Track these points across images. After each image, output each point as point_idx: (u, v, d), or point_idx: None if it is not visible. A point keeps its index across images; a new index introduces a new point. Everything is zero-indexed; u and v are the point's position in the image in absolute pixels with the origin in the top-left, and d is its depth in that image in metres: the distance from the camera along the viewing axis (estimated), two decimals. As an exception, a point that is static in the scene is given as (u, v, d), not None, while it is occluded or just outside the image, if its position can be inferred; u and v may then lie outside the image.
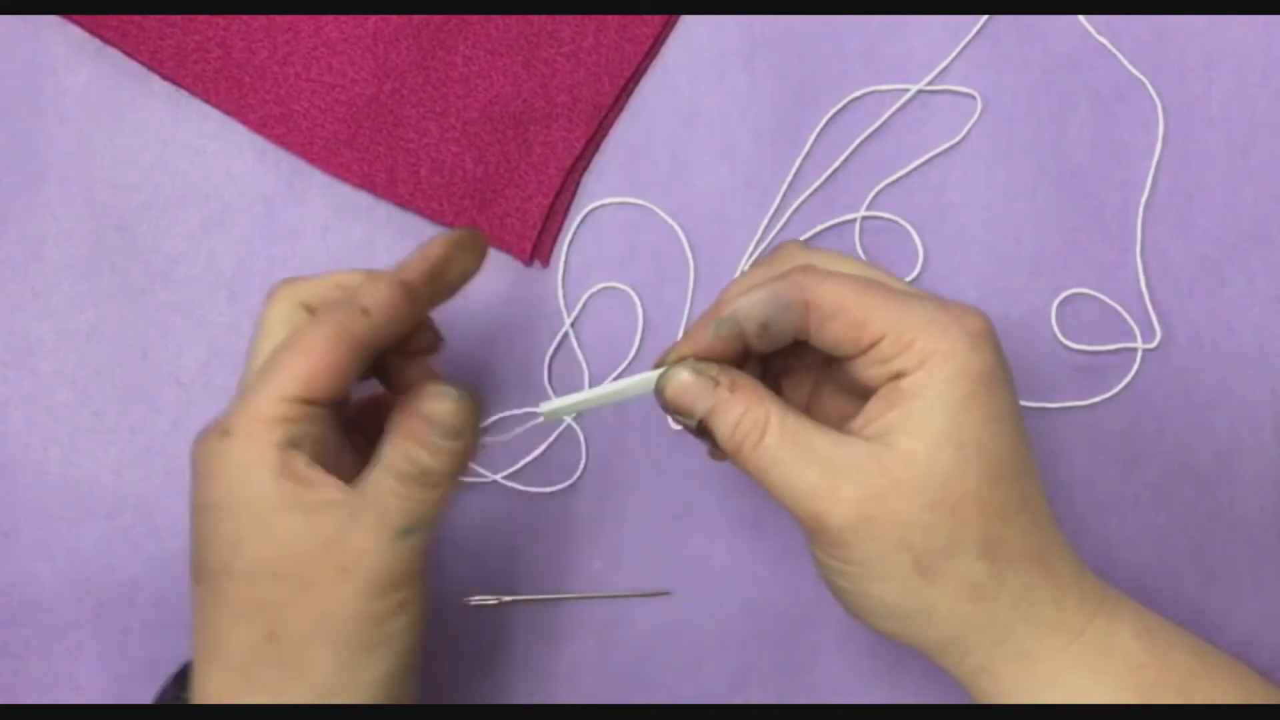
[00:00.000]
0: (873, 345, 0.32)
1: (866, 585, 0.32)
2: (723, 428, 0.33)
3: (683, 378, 0.33)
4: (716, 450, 0.34)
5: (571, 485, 0.43)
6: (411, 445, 0.32)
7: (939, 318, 0.32)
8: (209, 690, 0.32)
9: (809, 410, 0.36)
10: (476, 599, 0.42)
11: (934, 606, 0.32)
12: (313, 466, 0.32)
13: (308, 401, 0.31)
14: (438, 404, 0.32)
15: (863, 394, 0.33)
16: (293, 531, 0.31)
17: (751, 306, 0.33)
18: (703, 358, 0.34)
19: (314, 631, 0.31)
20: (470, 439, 0.33)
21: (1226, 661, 0.35)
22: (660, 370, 0.34)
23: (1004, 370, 0.32)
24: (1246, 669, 0.36)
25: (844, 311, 0.32)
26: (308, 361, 0.31)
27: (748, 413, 0.32)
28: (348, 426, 0.35)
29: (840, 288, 0.32)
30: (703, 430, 0.33)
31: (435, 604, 0.42)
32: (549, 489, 0.43)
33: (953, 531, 0.31)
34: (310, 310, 0.34)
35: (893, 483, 0.31)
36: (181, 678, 0.36)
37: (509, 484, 0.43)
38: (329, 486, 0.31)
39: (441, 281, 0.34)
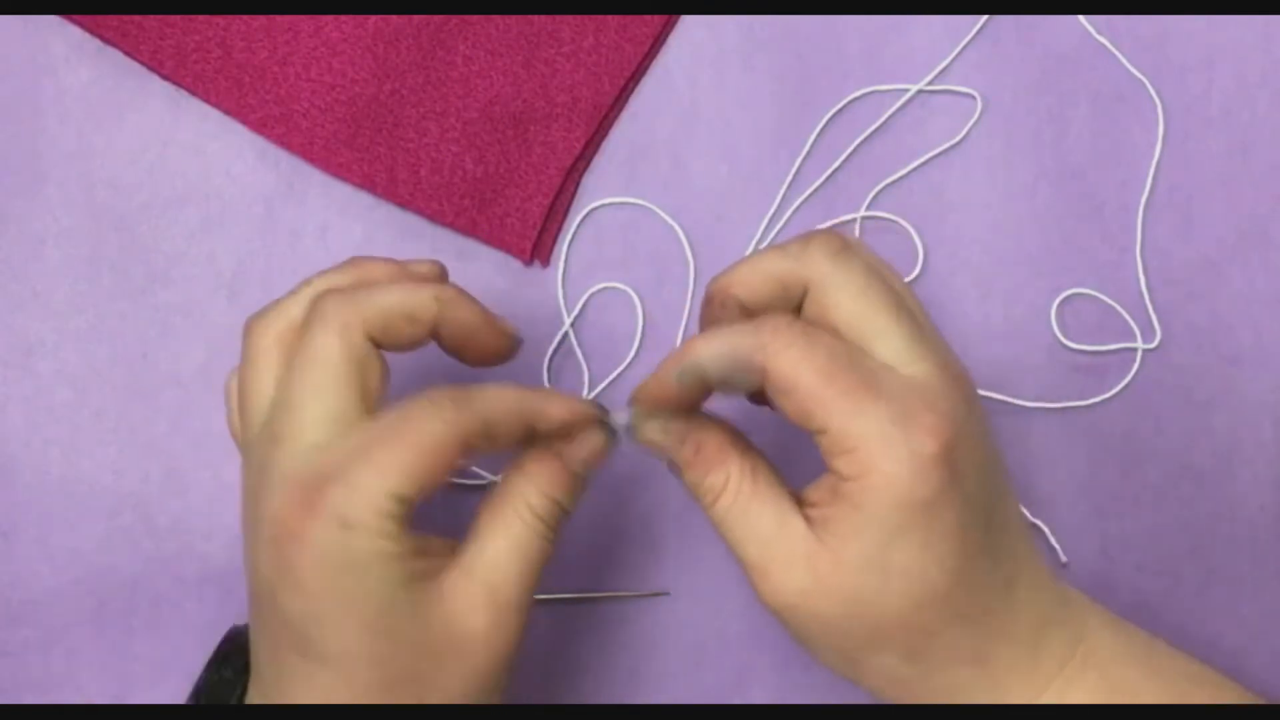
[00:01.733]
0: (818, 434, 0.31)
1: (801, 645, 0.33)
2: (687, 481, 0.34)
3: (650, 433, 0.34)
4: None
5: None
6: (559, 490, 0.33)
7: (889, 433, 0.30)
8: None
9: None
10: None
11: (860, 680, 0.33)
12: (427, 537, 0.32)
13: (415, 500, 0.31)
14: (598, 444, 0.34)
15: None
16: (434, 602, 0.31)
17: (711, 361, 0.32)
18: (664, 400, 0.34)
19: (467, 687, 0.32)
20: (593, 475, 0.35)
21: (1211, 694, 0.34)
22: (624, 421, 0.35)
23: (954, 491, 0.30)
24: (1237, 691, 0.35)
25: (794, 393, 0.31)
26: (425, 463, 0.30)
27: (707, 477, 0.33)
28: None
29: (798, 367, 0.30)
30: (672, 465, 0.34)
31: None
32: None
33: (871, 639, 0.31)
34: (376, 342, 0.32)
35: (817, 583, 0.31)
36: (221, 660, 0.36)
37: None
38: (439, 543, 0.32)
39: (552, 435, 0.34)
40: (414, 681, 0.31)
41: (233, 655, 0.36)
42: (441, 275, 0.37)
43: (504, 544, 0.32)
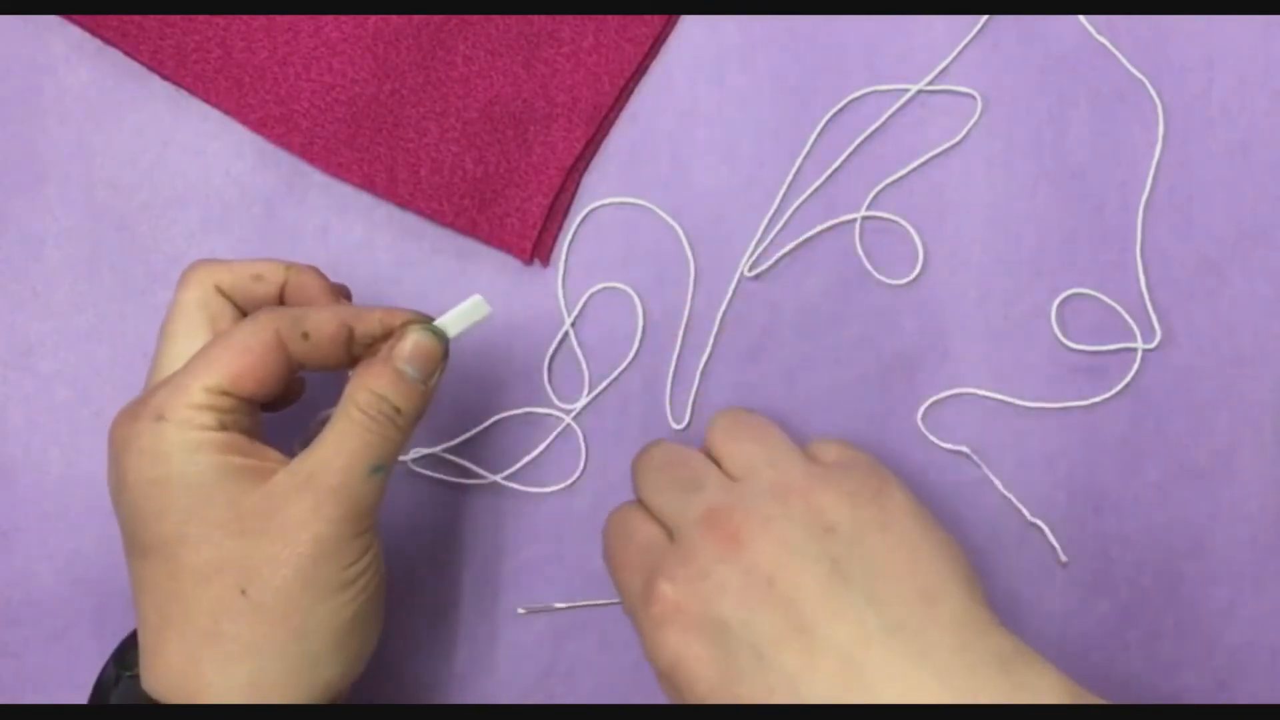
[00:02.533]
0: None
1: None
2: None
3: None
4: None
5: (571, 485, 0.43)
6: (385, 386, 0.34)
7: (637, 614, 0.34)
8: (169, 660, 0.32)
9: None
10: (527, 608, 0.42)
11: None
12: (255, 442, 0.33)
13: (235, 396, 0.32)
14: (421, 340, 0.34)
15: None
16: (249, 492, 0.32)
17: None
18: None
19: (290, 576, 0.32)
20: (437, 381, 0.35)
21: None
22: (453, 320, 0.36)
23: (691, 637, 0.32)
24: None
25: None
26: (240, 361, 0.33)
27: None
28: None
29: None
30: None
31: (436, 607, 0.42)
32: (548, 489, 0.43)
33: None
34: (225, 296, 0.36)
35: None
36: (120, 656, 0.36)
37: (509, 484, 0.43)
38: (274, 454, 0.33)
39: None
40: (232, 568, 0.31)
41: (125, 650, 0.36)
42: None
43: (329, 438, 0.33)
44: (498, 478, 0.43)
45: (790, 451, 0.36)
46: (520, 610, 0.42)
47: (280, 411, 0.37)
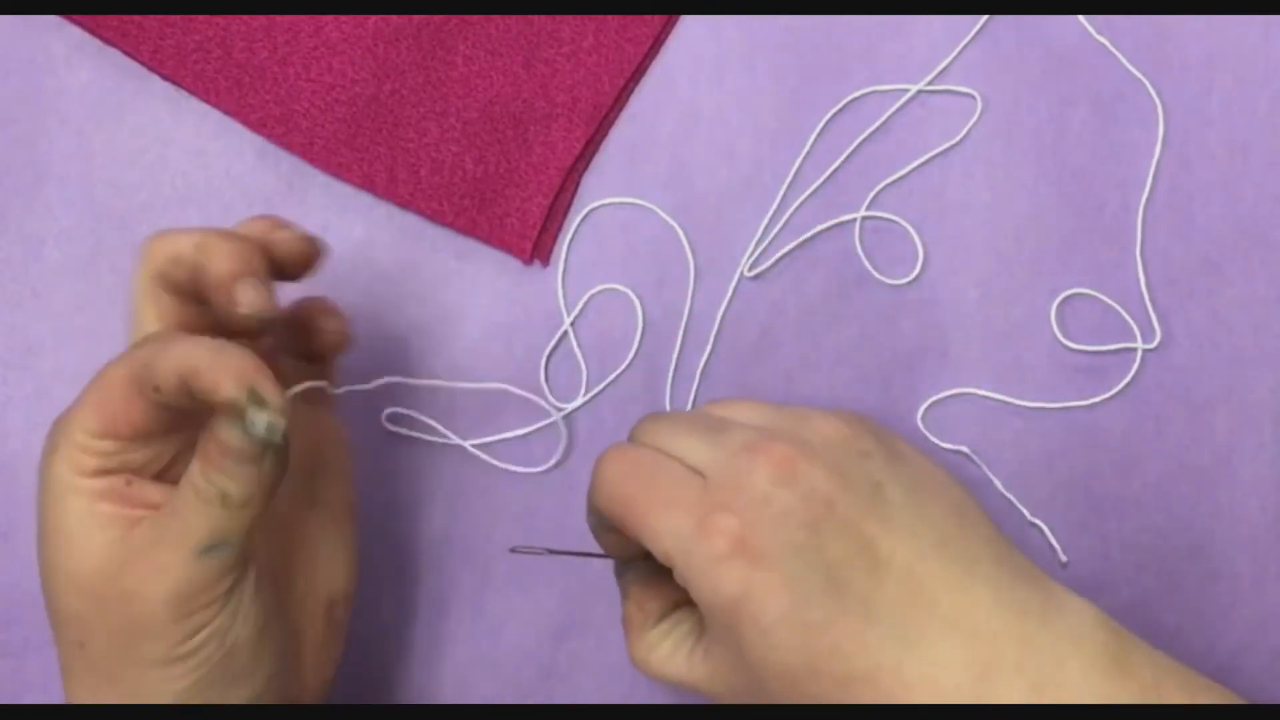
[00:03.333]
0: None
1: None
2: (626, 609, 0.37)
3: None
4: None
5: (567, 471, 0.43)
6: (210, 470, 0.30)
7: (685, 546, 0.32)
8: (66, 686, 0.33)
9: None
10: (521, 547, 0.40)
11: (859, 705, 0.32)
12: (134, 483, 0.32)
13: (115, 438, 0.31)
14: (228, 434, 0.30)
15: None
16: (100, 549, 0.31)
17: (591, 507, 0.35)
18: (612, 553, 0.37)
19: (117, 644, 0.31)
20: (274, 462, 0.31)
21: (1197, 689, 0.33)
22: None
23: (765, 573, 0.31)
24: (1212, 691, 0.33)
25: (619, 524, 0.34)
26: (105, 408, 0.31)
27: (635, 615, 0.37)
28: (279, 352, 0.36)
29: (607, 500, 0.34)
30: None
31: (433, 600, 0.42)
32: (537, 468, 0.43)
33: (776, 697, 0.32)
34: (166, 283, 0.33)
35: (729, 691, 0.33)
36: None
37: (508, 466, 0.43)
38: (157, 493, 0.32)
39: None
40: (75, 622, 0.32)
41: None
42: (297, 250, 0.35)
43: (169, 508, 0.31)
44: (465, 442, 0.43)
45: (793, 406, 0.36)
46: (511, 549, 0.40)
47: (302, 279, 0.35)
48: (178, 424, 0.32)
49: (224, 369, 0.29)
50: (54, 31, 0.43)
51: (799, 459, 0.32)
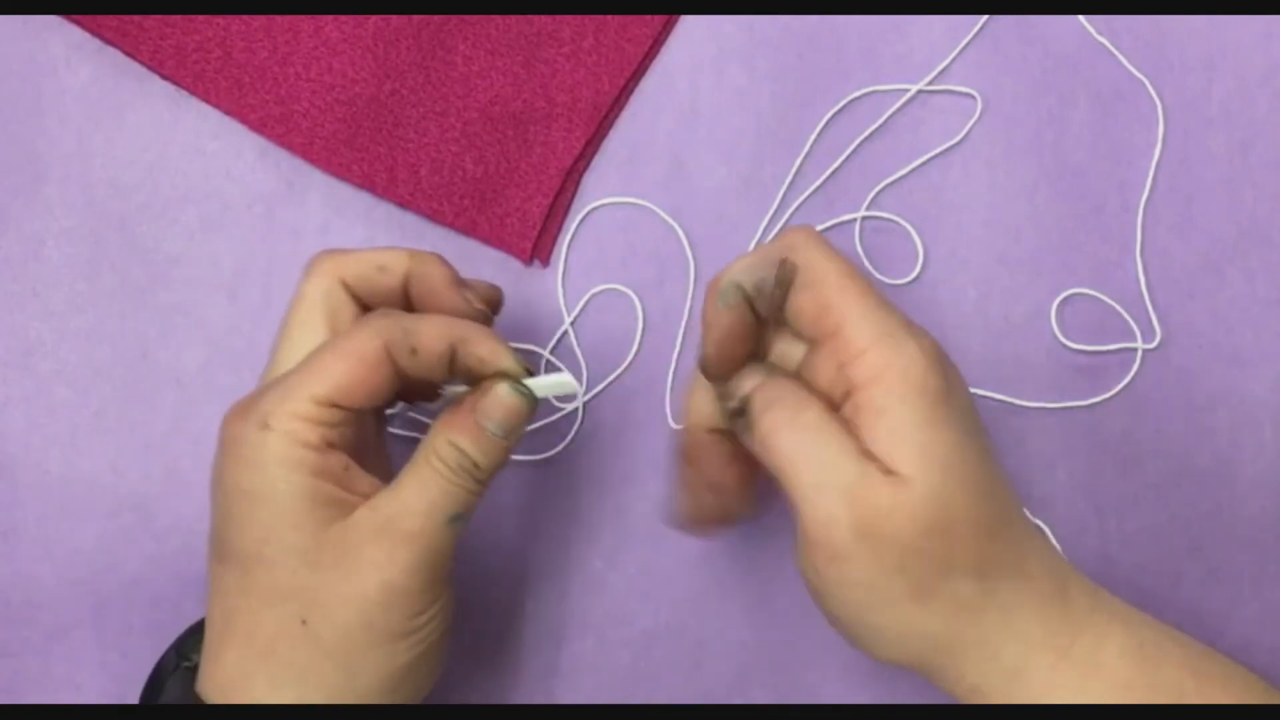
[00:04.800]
0: (828, 338, 0.32)
1: (864, 614, 0.32)
2: (765, 398, 0.33)
3: (747, 368, 0.34)
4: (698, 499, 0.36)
5: (567, 471, 0.43)
6: (466, 441, 0.33)
7: (895, 333, 0.31)
8: (225, 670, 0.32)
9: None
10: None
11: (929, 630, 0.32)
12: (352, 467, 0.33)
13: (343, 408, 0.32)
14: (507, 400, 0.33)
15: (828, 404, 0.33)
16: (332, 522, 0.32)
17: (743, 272, 0.33)
18: (723, 336, 0.34)
19: (352, 616, 0.32)
20: (519, 437, 0.34)
21: (1224, 672, 0.35)
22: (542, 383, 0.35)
23: (959, 390, 0.32)
24: (1247, 676, 0.35)
25: (816, 286, 0.32)
26: (347, 372, 0.32)
27: (793, 391, 0.33)
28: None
29: (825, 264, 0.32)
30: (741, 410, 0.33)
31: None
32: (536, 456, 0.43)
33: (948, 554, 0.31)
34: (348, 289, 0.35)
35: (893, 505, 0.30)
36: (181, 645, 0.36)
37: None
38: (369, 486, 0.33)
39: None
40: (301, 597, 0.32)
41: (186, 638, 0.37)
42: (491, 295, 0.38)
43: (411, 484, 0.33)
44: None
45: None
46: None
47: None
48: (390, 400, 0.34)
49: (496, 340, 0.33)
50: (54, 31, 0.43)
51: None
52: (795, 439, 0.32)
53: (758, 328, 0.34)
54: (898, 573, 0.31)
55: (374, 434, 0.36)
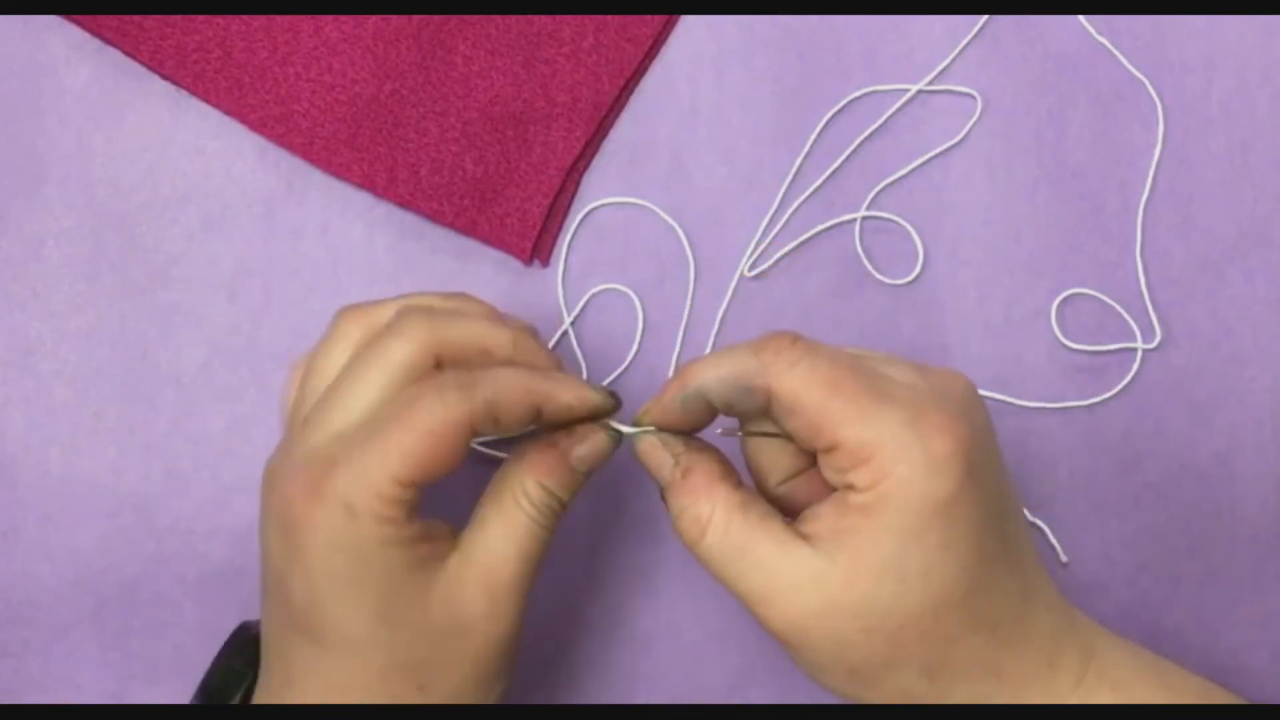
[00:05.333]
0: (828, 452, 0.31)
1: (811, 675, 0.33)
2: (671, 510, 0.33)
3: (645, 446, 0.34)
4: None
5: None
6: (557, 483, 0.33)
7: (901, 436, 0.30)
8: None
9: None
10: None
11: (875, 703, 0.32)
12: (432, 523, 0.32)
13: (422, 485, 0.31)
14: (603, 446, 0.34)
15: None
16: (433, 581, 0.32)
17: (716, 385, 0.32)
18: (671, 427, 0.34)
19: (468, 672, 0.32)
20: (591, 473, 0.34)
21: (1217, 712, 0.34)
22: (630, 429, 0.34)
23: (972, 490, 0.30)
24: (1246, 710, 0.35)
25: (802, 412, 0.31)
26: (429, 452, 0.31)
27: (690, 508, 0.32)
28: None
29: (804, 385, 0.30)
30: (674, 467, 0.34)
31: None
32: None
33: (889, 655, 0.31)
34: (438, 361, 0.33)
35: (829, 604, 0.30)
36: (232, 650, 0.37)
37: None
38: (443, 527, 0.33)
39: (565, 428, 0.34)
40: (417, 667, 0.32)
41: (244, 646, 0.37)
42: (531, 331, 0.37)
43: (500, 530, 0.32)
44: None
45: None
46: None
47: None
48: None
49: (577, 383, 0.33)
50: (54, 31, 0.43)
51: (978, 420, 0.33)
52: (707, 554, 0.32)
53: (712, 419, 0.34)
54: (835, 661, 0.31)
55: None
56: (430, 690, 0.32)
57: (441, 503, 0.34)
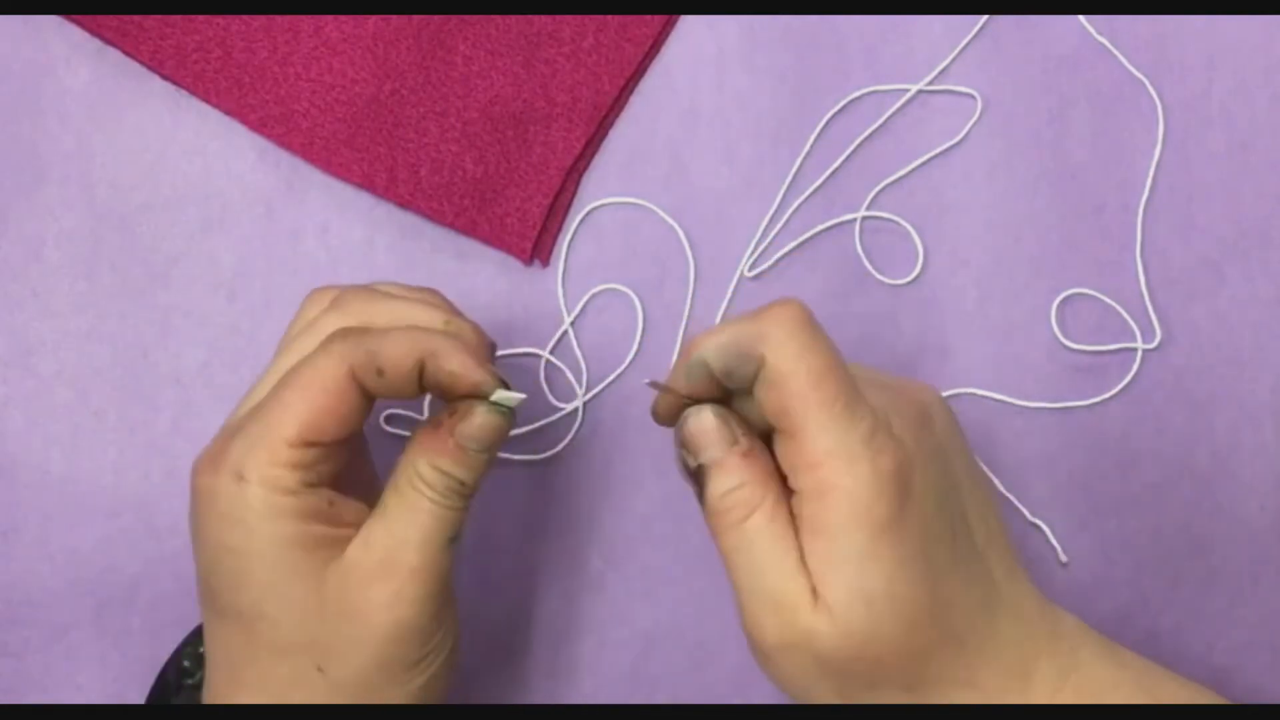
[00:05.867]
0: (787, 438, 0.31)
1: (797, 695, 0.32)
2: (716, 486, 0.32)
3: (707, 419, 0.32)
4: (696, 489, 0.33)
5: (567, 472, 0.43)
6: (449, 463, 0.32)
7: (855, 450, 0.29)
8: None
9: None
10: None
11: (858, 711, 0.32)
12: (337, 500, 0.32)
13: (318, 444, 0.31)
14: (487, 422, 0.32)
15: None
16: (328, 564, 0.31)
17: (715, 352, 0.31)
18: (682, 400, 0.33)
19: (368, 658, 0.31)
20: (496, 449, 0.33)
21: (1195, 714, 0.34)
22: (513, 395, 0.33)
23: (911, 507, 0.30)
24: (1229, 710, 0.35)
25: (778, 387, 0.30)
26: (314, 407, 0.31)
27: (745, 486, 0.31)
28: None
29: (792, 366, 0.30)
30: (697, 476, 0.32)
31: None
32: (536, 456, 0.43)
33: (872, 676, 0.31)
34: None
35: (810, 631, 0.30)
36: (178, 660, 0.37)
37: (507, 455, 0.43)
38: (356, 514, 0.32)
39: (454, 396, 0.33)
40: (312, 647, 0.31)
41: (196, 642, 0.37)
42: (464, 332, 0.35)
43: (400, 514, 0.32)
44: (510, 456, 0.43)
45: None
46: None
47: None
48: (364, 421, 0.32)
49: (466, 354, 0.31)
50: (54, 31, 0.43)
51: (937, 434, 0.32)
52: (739, 540, 0.31)
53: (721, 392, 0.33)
54: (820, 680, 0.31)
55: (355, 452, 0.35)
56: (331, 673, 0.31)
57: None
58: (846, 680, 0.31)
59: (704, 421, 0.32)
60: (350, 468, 0.34)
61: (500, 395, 0.32)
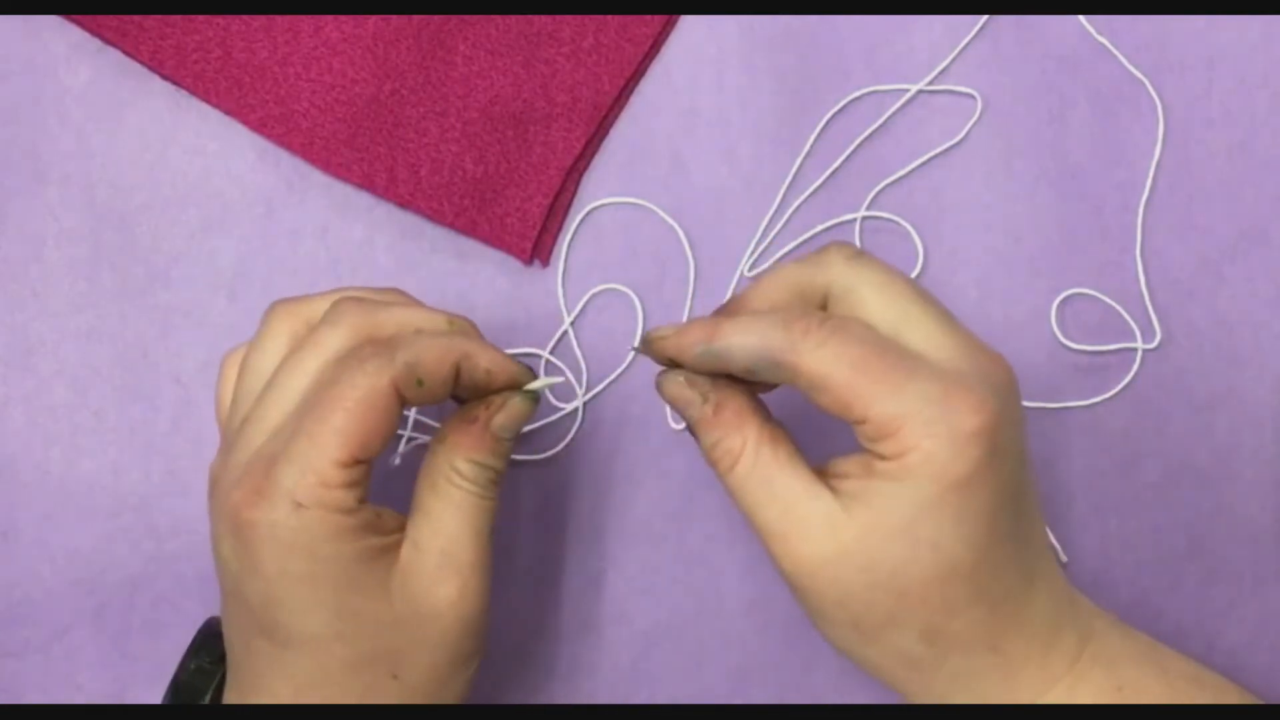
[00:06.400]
0: (859, 425, 0.31)
1: (815, 622, 0.33)
2: (703, 443, 0.33)
3: (673, 387, 0.34)
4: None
5: (567, 472, 0.43)
6: (487, 455, 0.33)
7: (927, 411, 0.30)
8: None
9: None
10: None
11: (872, 662, 0.33)
12: (381, 512, 0.32)
13: (366, 461, 0.31)
14: (520, 409, 0.34)
15: None
16: (389, 572, 0.32)
17: (741, 352, 0.32)
18: (682, 365, 0.34)
19: (441, 656, 0.32)
20: (519, 437, 0.35)
21: (1214, 696, 0.35)
22: (544, 381, 0.35)
23: (992, 470, 0.30)
24: (1242, 693, 0.35)
25: (829, 389, 0.31)
26: (362, 426, 0.31)
27: (723, 439, 0.33)
28: None
29: (832, 365, 0.31)
30: (703, 401, 0.34)
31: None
32: (536, 456, 0.43)
33: (891, 613, 0.31)
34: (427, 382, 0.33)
35: (841, 552, 0.31)
36: (197, 649, 0.37)
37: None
38: (396, 519, 0.33)
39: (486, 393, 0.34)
40: (387, 656, 0.32)
41: (209, 643, 0.37)
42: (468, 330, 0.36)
43: (446, 511, 0.33)
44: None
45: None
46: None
47: None
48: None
49: (496, 350, 0.33)
50: (54, 31, 0.43)
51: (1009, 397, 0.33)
52: (734, 484, 0.32)
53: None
54: (838, 608, 0.31)
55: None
56: (404, 677, 0.32)
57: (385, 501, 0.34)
58: (864, 612, 0.31)
59: (673, 389, 0.34)
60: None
61: (538, 383, 0.35)
